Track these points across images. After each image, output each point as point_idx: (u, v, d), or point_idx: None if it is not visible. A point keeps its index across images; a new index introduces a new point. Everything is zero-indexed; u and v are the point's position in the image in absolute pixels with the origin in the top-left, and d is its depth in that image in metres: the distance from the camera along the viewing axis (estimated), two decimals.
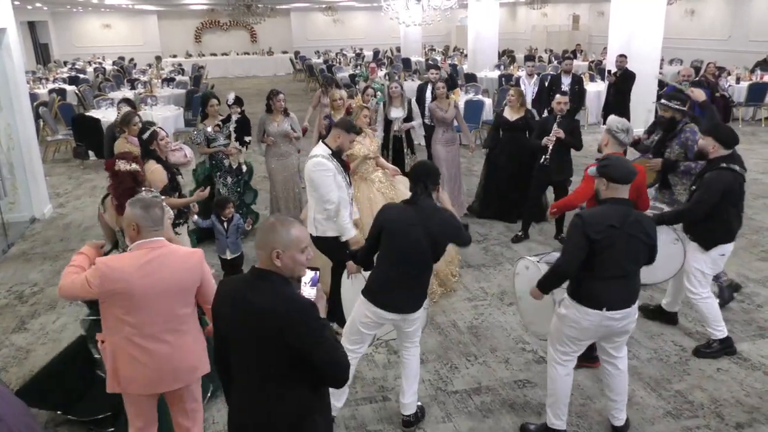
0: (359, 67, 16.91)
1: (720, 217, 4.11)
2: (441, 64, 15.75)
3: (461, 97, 10.92)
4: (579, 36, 25.82)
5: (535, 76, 10.25)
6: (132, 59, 23.62)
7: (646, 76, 9.89)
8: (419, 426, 3.69)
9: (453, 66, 17.16)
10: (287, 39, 29.00)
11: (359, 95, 6.97)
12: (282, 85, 20.21)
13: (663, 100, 4.94)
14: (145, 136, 4.60)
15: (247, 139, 6.69)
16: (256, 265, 2.30)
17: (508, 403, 3.90)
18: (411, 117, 7.06)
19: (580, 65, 17.11)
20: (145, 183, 3.72)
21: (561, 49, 22.41)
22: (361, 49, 25.59)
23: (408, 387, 3.63)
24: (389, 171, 5.26)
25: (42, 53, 25.34)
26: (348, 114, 5.98)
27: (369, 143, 5.22)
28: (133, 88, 15.05)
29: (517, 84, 10.04)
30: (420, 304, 3.46)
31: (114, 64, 22.45)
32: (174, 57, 25.66)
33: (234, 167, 6.53)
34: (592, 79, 13.50)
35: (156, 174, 4.41)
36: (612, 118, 4.31)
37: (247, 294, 2.23)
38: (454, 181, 7.11)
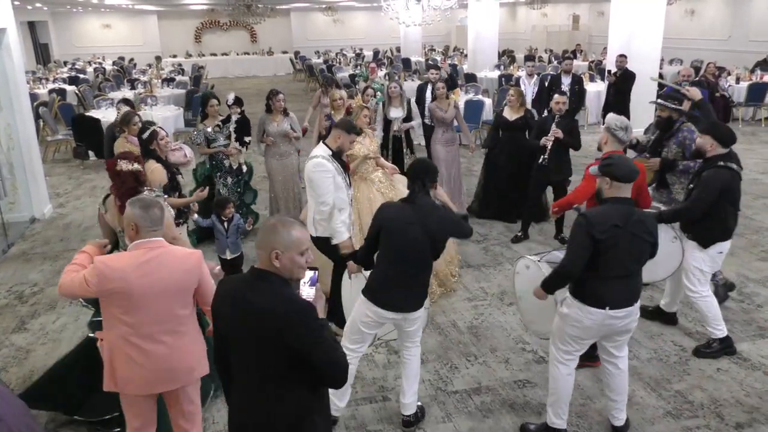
0: (359, 67, 16.91)
1: (718, 216, 4.11)
2: (441, 64, 15.75)
3: (461, 97, 10.92)
4: (579, 36, 25.83)
5: (535, 76, 10.25)
6: (132, 59, 23.62)
7: (646, 76, 9.87)
8: (419, 426, 3.69)
9: (453, 66, 17.16)
10: (287, 39, 29.01)
11: (359, 95, 6.97)
12: (282, 85, 20.22)
13: (659, 99, 4.95)
14: (145, 135, 4.60)
15: (247, 140, 6.69)
16: (255, 266, 2.30)
17: (508, 403, 3.90)
18: (410, 117, 7.06)
19: (580, 65, 17.11)
20: (147, 182, 3.72)
21: (561, 49, 22.42)
22: (361, 49, 25.59)
23: (408, 387, 3.63)
24: (388, 170, 5.26)
25: (42, 53, 25.34)
26: (348, 114, 5.98)
27: (369, 143, 5.22)
28: (133, 88, 15.06)
29: (517, 84, 10.04)
30: (421, 303, 3.46)
31: (114, 64, 22.45)
32: (174, 57, 25.67)
33: (234, 168, 6.54)
34: (592, 79, 13.50)
35: (156, 173, 4.41)
36: (610, 116, 4.32)
37: (247, 294, 2.23)
38: (454, 182, 7.12)
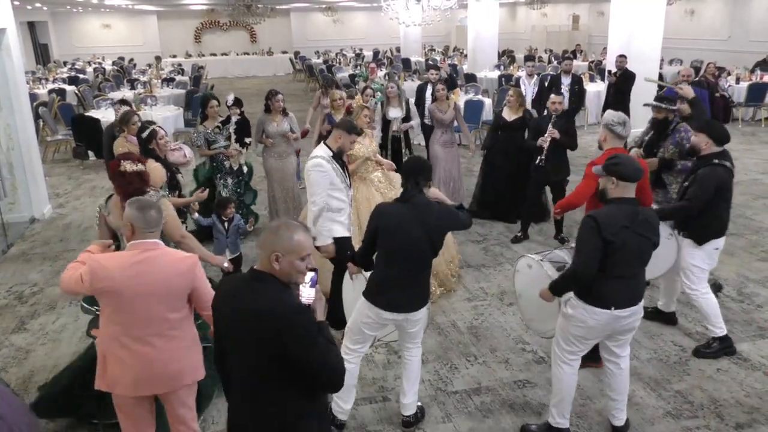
0: (359, 68, 16.90)
1: (713, 213, 4.16)
2: (440, 64, 15.75)
3: (461, 97, 10.93)
4: (579, 36, 25.83)
5: (535, 76, 10.25)
6: (132, 59, 23.62)
7: (646, 76, 9.89)
8: (419, 426, 3.68)
9: (453, 66, 17.17)
10: (287, 39, 29.01)
11: (359, 95, 6.98)
12: (282, 86, 20.22)
13: (654, 101, 4.97)
14: (144, 134, 4.60)
15: (248, 141, 6.68)
16: (255, 266, 2.29)
17: (508, 404, 3.90)
18: (409, 117, 7.07)
19: (579, 65, 17.13)
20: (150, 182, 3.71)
21: (561, 49, 22.43)
22: (361, 50, 25.60)
23: (409, 387, 3.63)
24: (385, 166, 5.26)
25: (42, 53, 25.33)
26: (348, 114, 5.99)
27: (369, 143, 5.22)
28: (133, 88, 15.05)
29: (517, 84, 10.04)
30: (422, 303, 3.44)
31: (114, 64, 22.46)
32: (174, 57, 25.67)
33: (234, 169, 6.53)
34: (591, 80, 13.51)
35: (155, 172, 4.39)
36: (608, 112, 4.35)
37: (245, 295, 2.23)
38: (454, 182, 7.12)
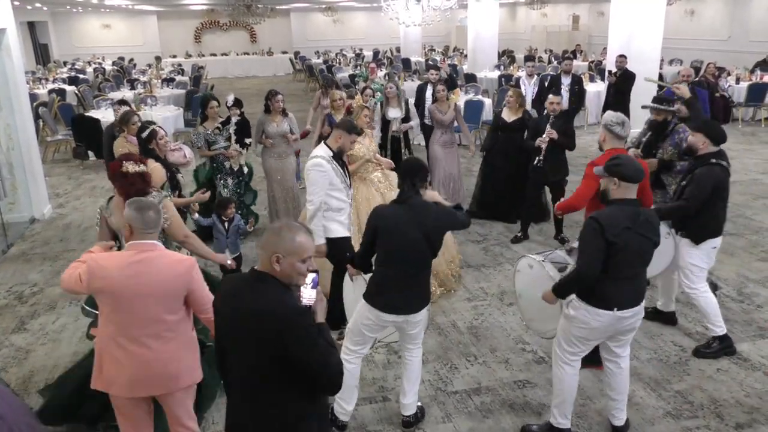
0: (359, 68, 16.90)
1: (711, 212, 4.18)
2: (440, 64, 15.75)
3: (461, 97, 10.92)
4: (579, 36, 25.83)
5: (535, 76, 10.25)
6: (132, 59, 23.62)
7: (646, 76, 9.90)
8: (419, 426, 3.68)
9: (453, 66, 17.17)
10: (287, 39, 29.01)
11: (359, 95, 6.99)
12: (282, 86, 20.22)
13: (653, 103, 4.97)
14: (144, 134, 4.60)
15: (248, 141, 6.67)
16: (256, 267, 2.29)
17: (508, 404, 3.90)
18: (408, 117, 7.08)
19: (579, 65, 17.12)
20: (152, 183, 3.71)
21: (561, 50, 22.43)
22: (361, 50, 25.60)
23: (409, 387, 3.62)
24: (384, 164, 5.26)
25: (42, 53, 25.33)
26: (348, 113, 5.99)
27: (369, 143, 5.23)
28: (133, 88, 15.05)
29: (517, 84, 10.03)
30: (423, 304, 3.44)
31: (114, 64, 22.46)
32: (174, 57, 25.67)
33: (235, 169, 6.53)
34: (591, 80, 13.50)
35: (155, 172, 4.38)
36: (607, 113, 4.36)
37: (246, 295, 2.23)
38: (453, 182, 7.12)
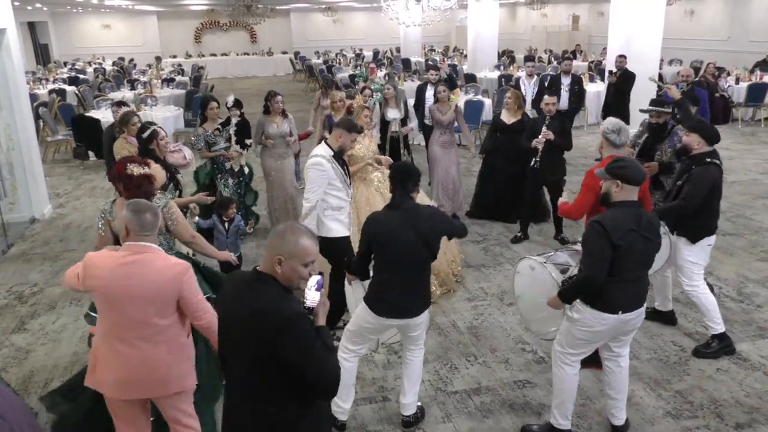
0: (359, 68, 16.90)
1: (707, 211, 4.22)
2: (440, 64, 15.75)
3: (461, 98, 10.92)
4: (579, 36, 25.84)
5: (535, 76, 10.24)
6: (132, 60, 23.62)
7: (645, 76, 9.90)
8: (419, 426, 3.68)
9: (453, 66, 17.17)
10: (287, 39, 29.01)
11: (359, 95, 6.99)
12: (282, 86, 20.24)
13: (655, 106, 4.98)
14: (145, 134, 4.59)
15: (248, 142, 6.66)
16: (258, 267, 2.29)
17: (507, 404, 3.90)
18: (407, 117, 7.09)
19: (579, 65, 17.13)
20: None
21: (561, 50, 22.43)
22: (361, 50, 25.60)
23: (409, 387, 3.62)
24: (383, 162, 5.27)
25: (42, 54, 25.34)
26: (349, 114, 5.99)
27: (368, 143, 5.23)
28: (133, 88, 15.05)
29: (517, 84, 10.02)
30: (423, 307, 3.43)
31: (114, 64, 22.47)
32: (174, 57, 25.68)
33: (236, 170, 6.52)
34: (591, 80, 13.51)
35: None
36: (605, 121, 4.36)
37: (246, 294, 2.24)
38: (453, 183, 7.12)
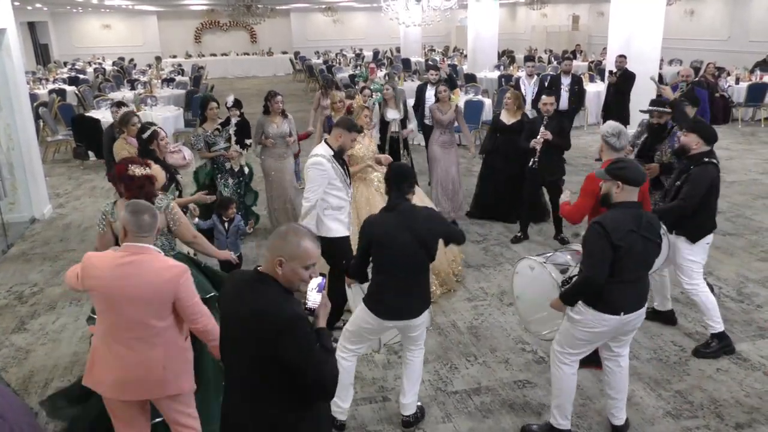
0: (359, 68, 16.90)
1: (706, 211, 4.23)
2: (440, 64, 15.76)
3: (461, 98, 10.92)
4: (579, 36, 25.84)
5: (535, 76, 10.24)
6: (132, 60, 23.63)
7: (645, 76, 9.90)
8: (419, 426, 3.68)
9: (453, 66, 17.17)
10: (287, 39, 29.02)
11: (358, 95, 6.99)
12: (282, 86, 20.23)
13: (656, 106, 4.99)
14: (146, 135, 4.59)
15: (248, 142, 6.66)
16: (259, 266, 2.29)
17: (507, 404, 3.90)
18: (407, 117, 7.09)
19: (579, 65, 17.13)
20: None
21: (561, 50, 22.42)
22: (361, 50, 25.60)
23: (409, 387, 3.62)
24: (383, 161, 5.27)
25: (42, 54, 25.34)
26: (349, 114, 5.99)
27: (368, 143, 5.24)
28: (133, 88, 15.04)
29: (517, 84, 10.02)
30: (422, 308, 3.43)
31: (114, 64, 22.47)
32: (174, 57, 25.68)
33: (236, 170, 6.52)
34: (591, 80, 13.51)
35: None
36: (605, 124, 4.38)
37: (246, 294, 2.24)
38: (453, 183, 7.12)
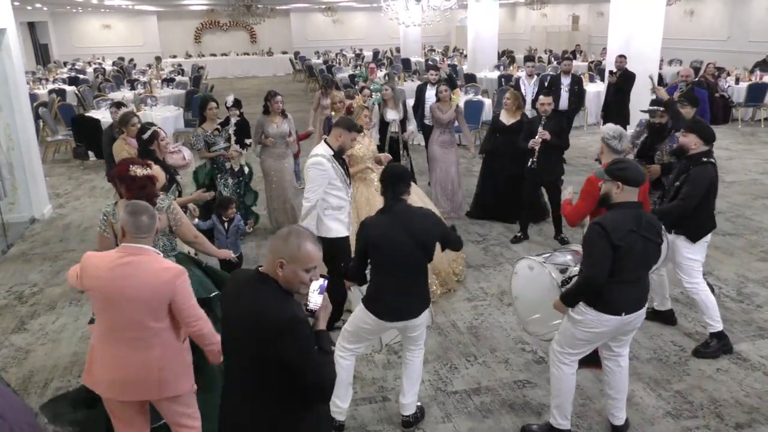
0: (359, 68, 16.90)
1: (705, 211, 4.24)
2: (440, 64, 15.76)
3: (461, 98, 10.93)
4: (578, 36, 25.84)
5: (535, 76, 10.24)
6: (132, 60, 23.63)
7: (645, 76, 9.91)
8: (419, 426, 3.68)
9: (452, 66, 17.17)
10: (287, 39, 29.01)
11: (359, 95, 6.99)
12: (281, 86, 20.23)
13: (651, 106, 5.00)
14: (146, 135, 4.58)
15: (248, 142, 6.66)
16: (260, 266, 2.29)
17: (507, 404, 3.90)
18: (406, 118, 7.10)
19: (579, 66, 17.12)
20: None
21: (560, 50, 22.42)
22: (361, 50, 25.60)
23: (409, 388, 3.62)
24: (384, 159, 5.28)
25: (42, 54, 25.34)
26: (349, 114, 6.00)
27: (368, 143, 5.24)
28: (133, 88, 15.04)
29: (517, 84, 10.02)
30: (422, 308, 3.43)
31: (114, 64, 22.48)
32: (174, 57, 25.68)
33: (236, 170, 6.52)
34: (591, 80, 13.51)
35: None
36: (605, 126, 4.39)
37: (246, 294, 2.24)
38: (451, 183, 7.12)
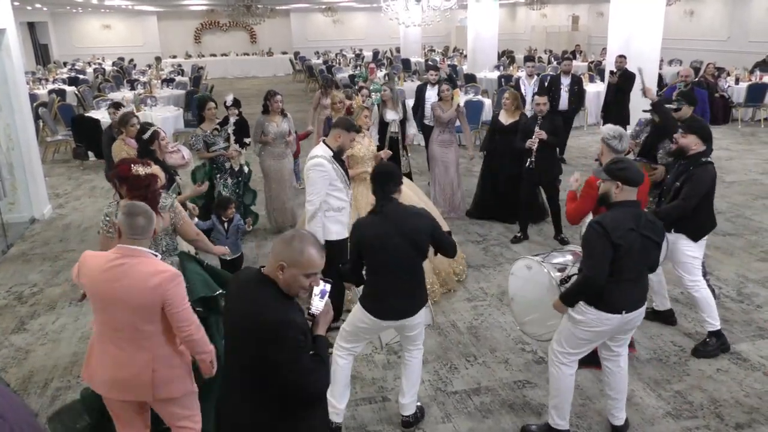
0: (359, 68, 16.91)
1: (706, 210, 4.26)
2: (440, 64, 15.76)
3: (461, 98, 10.93)
4: (578, 36, 25.84)
5: (535, 76, 10.25)
6: (132, 60, 23.63)
7: (645, 76, 9.91)
8: (419, 426, 3.68)
9: (452, 66, 17.18)
10: (287, 40, 29.01)
11: (358, 95, 6.99)
12: (281, 86, 20.22)
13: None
14: (146, 135, 4.58)
15: (247, 141, 6.67)
16: (263, 268, 2.30)
17: (507, 404, 3.90)
18: (406, 119, 7.10)
19: (579, 66, 17.12)
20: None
21: (560, 50, 22.43)
22: (361, 50, 25.61)
23: (408, 388, 3.62)
24: (382, 155, 5.28)
25: (42, 54, 25.34)
26: (349, 114, 5.99)
27: (368, 143, 5.24)
28: (133, 88, 15.05)
29: (517, 85, 10.03)
30: (418, 306, 3.42)
31: (114, 64, 22.49)
32: (174, 57, 25.69)
33: (236, 169, 6.52)
34: (591, 80, 13.52)
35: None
36: (605, 127, 4.39)
37: (247, 294, 2.24)
38: (450, 183, 7.11)
